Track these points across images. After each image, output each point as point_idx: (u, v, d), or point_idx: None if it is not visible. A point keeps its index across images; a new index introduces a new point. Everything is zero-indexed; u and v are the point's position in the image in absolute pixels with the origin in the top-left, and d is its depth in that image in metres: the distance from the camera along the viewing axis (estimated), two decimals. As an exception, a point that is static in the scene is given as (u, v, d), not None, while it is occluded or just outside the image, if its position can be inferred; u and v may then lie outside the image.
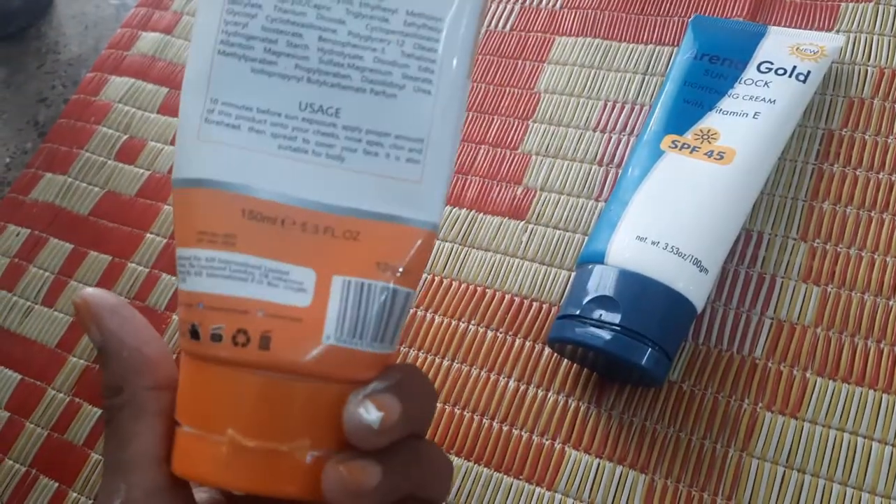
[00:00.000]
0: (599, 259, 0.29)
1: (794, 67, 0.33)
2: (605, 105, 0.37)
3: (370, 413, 0.18)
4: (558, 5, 0.41)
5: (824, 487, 0.27)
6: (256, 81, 0.19)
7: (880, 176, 0.32)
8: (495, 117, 0.39)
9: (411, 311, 0.34)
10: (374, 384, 0.19)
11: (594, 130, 0.37)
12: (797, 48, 0.33)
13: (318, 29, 0.19)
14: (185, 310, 0.19)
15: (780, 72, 0.33)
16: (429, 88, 0.19)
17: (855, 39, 0.35)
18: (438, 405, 0.32)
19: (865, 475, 0.27)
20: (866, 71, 0.34)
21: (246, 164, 0.19)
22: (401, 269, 0.19)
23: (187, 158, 0.19)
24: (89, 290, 0.22)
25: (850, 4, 0.36)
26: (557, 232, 0.35)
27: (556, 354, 0.32)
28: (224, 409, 0.19)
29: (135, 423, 0.20)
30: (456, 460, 0.31)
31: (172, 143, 0.43)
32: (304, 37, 0.19)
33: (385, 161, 0.19)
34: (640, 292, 0.28)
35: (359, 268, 0.19)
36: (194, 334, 0.19)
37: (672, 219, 0.29)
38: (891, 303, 0.30)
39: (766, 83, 0.32)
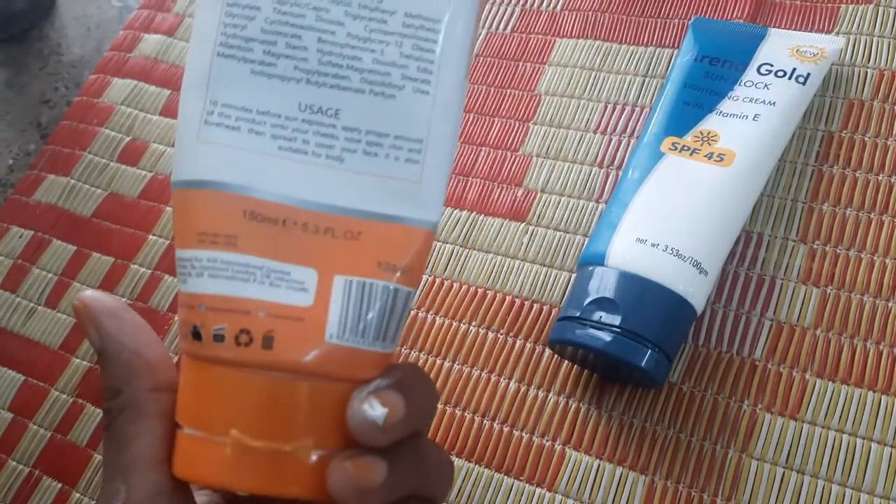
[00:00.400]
0: (600, 261, 0.30)
1: (794, 69, 0.33)
2: (606, 107, 0.37)
3: (375, 409, 0.18)
4: (559, 7, 0.41)
5: (823, 488, 0.27)
6: (256, 83, 0.19)
7: (880, 178, 0.32)
8: (496, 119, 0.39)
9: (412, 312, 0.34)
10: (377, 381, 0.19)
11: (594, 132, 0.37)
12: (797, 50, 0.33)
13: (316, 31, 0.19)
14: (187, 311, 0.19)
15: (780, 74, 0.33)
16: (427, 89, 0.19)
17: (855, 41, 0.35)
18: (439, 406, 0.32)
19: (864, 476, 0.27)
20: (866, 73, 0.35)
21: (246, 165, 0.19)
22: (402, 269, 0.19)
23: (187, 160, 0.19)
24: (88, 292, 0.22)
25: (850, 6, 0.36)
26: (558, 233, 0.35)
27: (556, 356, 0.32)
28: (227, 410, 0.19)
29: (134, 425, 0.20)
30: (456, 461, 0.31)
31: (174, 145, 0.43)
32: (303, 38, 0.19)
33: (385, 161, 0.19)
34: (640, 294, 0.28)
35: (360, 267, 0.19)
36: (196, 335, 0.19)
37: (672, 221, 0.30)
38: (890, 304, 0.30)
39: (765, 85, 0.32)
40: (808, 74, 0.33)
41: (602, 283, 0.29)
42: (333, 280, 0.19)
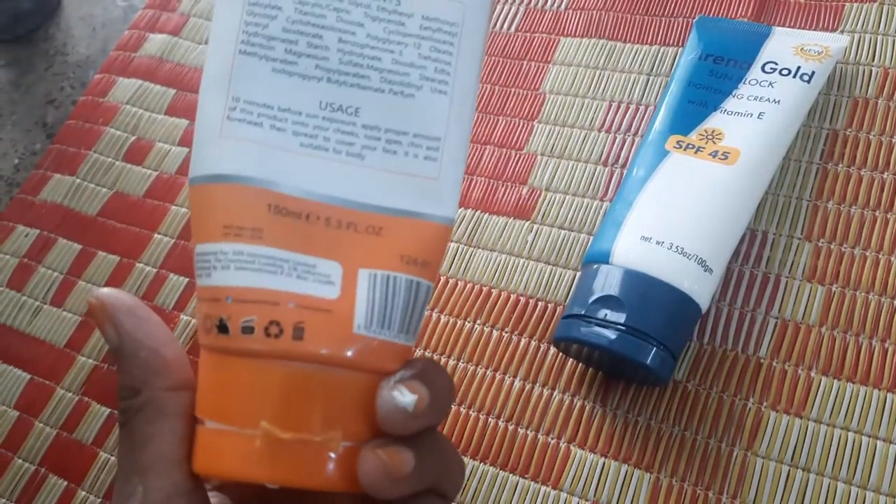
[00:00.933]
0: (604, 259, 0.30)
1: (799, 68, 0.33)
2: (610, 106, 0.37)
3: (405, 396, 0.19)
4: (563, 6, 0.41)
5: (829, 486, 0.27)
6: (277, 80, 0.19)
7: (884, 176, 0.32)
8: (500, 118, 0.39)
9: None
10: (401, 372, 0.19)
11: (599, 131, 0.37)
12: (801, 48, 0.33)
13: (337, 31, 0.19)
14: (210, 305, 0.19)
15: (785, 72, 0.33)
16: (445, 89, 0.20)
17: (859, 40, 0.35)
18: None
19: (870, 474, 0.27)
20: (871, 71, 0.35)
21: (269, 160, 0.19)
22: (422, 263, 0.20)
23: (209, 155, 0.19)
24: (105, 289, 0.22)
25: (855, 5, 0.36)
26: (563, 232, 0.35)
27: (561, 354, 0.32)
28: (256, 402, 0.19)
29: (153, 424, 0.20)
30: (462, 459, 0.31)
31: (180, 144, 0.43)
32: (324, 38, 0.19)
33: (404, 159, 0.20)
34: (645, 292, 0.28)
35: (383, 261, 0.19)
36: (222, 328, 0.19)
37: (677, 219, 0.30)
38: (895, 302, 0.30)
39: (770, 83, 0.33)
40: (813, 73, 0.33)
41: (607, 281, 0.29)
42: (358, 273, 0.19)
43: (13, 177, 0.45)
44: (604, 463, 0.29)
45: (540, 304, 0.33)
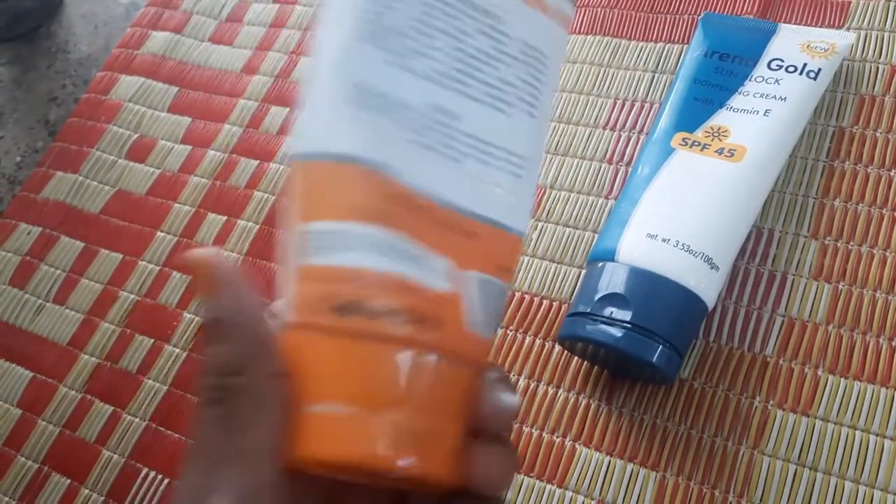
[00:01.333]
0: (610, 257, 0.29)
1: (805, 65, 0.33)
2: (615, 103, 0.37)
3: (515, 397, 0.19)
4: (567, 3, 0.41)
5: (836, 485, 0.27)
6: (391, 73, 0.20)
7: (891, 173, 0.32)
8: (505, 115, 0.39)
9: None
10: (497, 371, 0.20)
11: (604, 128, 0.37)
12: (808, 45, 0.33)
13: (451, 36, 0.20)
14: (330, 285, 0.19)
15: (791, 69, 0.33)
16: (534, 112, 0.21)
17: (866, 37, 0.35)
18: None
19: (878, 472, 0.27)
20: (877, 68, 0.34)
21: (388, 148, 0.20)
22: (508, 271, 0.21)
23: (330, 133, 0.20)
24: (203, 251, 0.20)
25: (861, 2, 0.36)
26: (567, 229, 0.35)
27: (566, 352, 0.32)
28: (388, 389, 0.19)
29: (257, 410, 0.19)
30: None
31: (182, 141, 0.43)
32: (436, 40, 0.20)
33: (494, 171, 0.21)
34: (650, 290, 0.28)
35: (482, 264, 0.20)
36: (346, 310, 0.19)
37: (683, 216, 0.29)
38: (903, 300, 0.29)
39: (776, 80, 0.32)
40: (819, 70, 0.32)
41: (612, 279, 0.29)
42: (465, 272, 0.20)
43: (15, 175, 0.45)
44: (609, 461, 0.29)
45: (545, 302, 0.33)
